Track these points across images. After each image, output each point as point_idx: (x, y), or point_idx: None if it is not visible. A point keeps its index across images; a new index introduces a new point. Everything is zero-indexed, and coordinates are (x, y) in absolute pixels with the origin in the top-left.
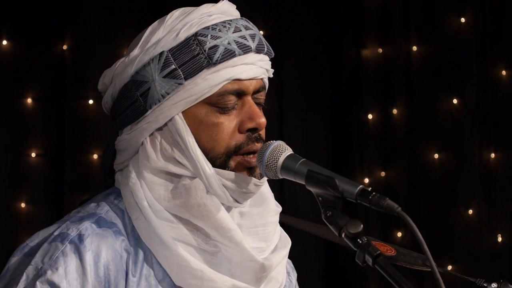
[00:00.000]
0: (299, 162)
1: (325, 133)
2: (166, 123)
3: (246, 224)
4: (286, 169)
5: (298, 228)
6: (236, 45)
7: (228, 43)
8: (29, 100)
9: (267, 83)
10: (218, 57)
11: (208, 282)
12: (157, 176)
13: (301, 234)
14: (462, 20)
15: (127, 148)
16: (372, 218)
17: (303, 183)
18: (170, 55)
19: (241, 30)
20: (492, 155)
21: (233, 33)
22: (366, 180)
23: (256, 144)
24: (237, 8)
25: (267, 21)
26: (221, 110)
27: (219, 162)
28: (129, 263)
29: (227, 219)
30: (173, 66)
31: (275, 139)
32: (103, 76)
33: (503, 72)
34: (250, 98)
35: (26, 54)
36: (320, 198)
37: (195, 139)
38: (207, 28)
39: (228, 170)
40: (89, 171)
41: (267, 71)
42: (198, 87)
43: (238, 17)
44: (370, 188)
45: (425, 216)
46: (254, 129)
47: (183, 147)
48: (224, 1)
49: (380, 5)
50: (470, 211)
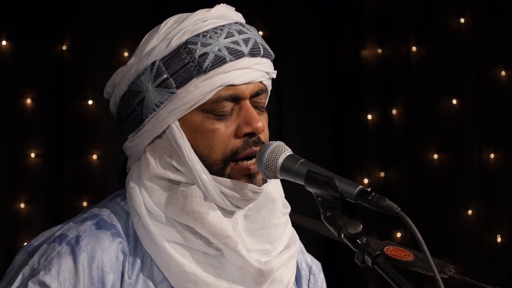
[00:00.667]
0: (299, 163)
1: (325, 134)
2: (164, 131)
3: (251, 227)
4: (286, 170)
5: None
6: (227, 51)
7: (219, 50)
8: (29, 101)
9: (269, 85)
10: (208, 65)
11: (203, 285)
12: (157, 183)
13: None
14: (462, 21)
15: (132, 155)
16: (372, 219)
17: (303, 184)
18: (162, 64)
19: (234, 35)
20: (492, 156)
21: (225, 39)
22: (366, 181)
23: (254, 148)
24: (236, 10)
25: (266, 22)
26: (217, 117)
27: (216, 169)
28: (126, 265)
29: (223, 226)
30: (165, 76)
31: (275, 140)
32: (106, 85)
33: (503, 73)
34: (248, 102)
35: (26, 55)
36: (320, 199)
37: (192, 146)
38: (198, 36)
39: (226, 177)
40: (89, 172)
41: (267, 74)
42: (191, 95)
43: (233, 21)
44: (370, 189)
45: (425, 217)
46: (252, 134)
47: (180, 155)
48: (221, 5)
49: (380, 6)
50: (470, 212)
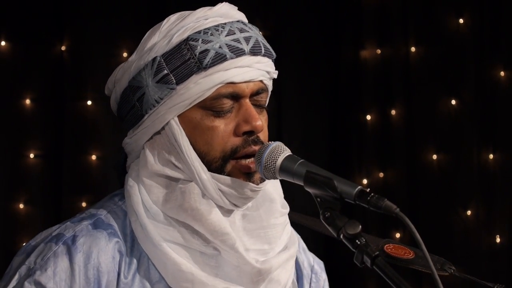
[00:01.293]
0: (298, 163)
1: (324, 134)
2: (163, 127)
3: (249, 226)
4: (285, 170)
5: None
6: (228, 49)
7: (220, 47)
8: (28, 101)
9: (270, 85)
10: (208, 61)
11: (199, 285)
12: (155, 180)
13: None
14: (461, 21)
15: (131, 152)
16: (371, 219)
17: (302, 184)
18: (163, 60)
19: (235, 33)
20: (491, 156)
21: (226, 37)
22: (365, 181)
23: (253, 147)
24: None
25: (266, 22)
26: (216, 114)
27: (215, 166)
28: (122, 265)
29: (221, 223)
30: (165, 71)
31: (274, 140)
32: (107, 82)
33: (502, 73)
34: (248, 101)
35: (25, 55)
36: (319, 199)
37: (191, 143)
38: (199, 33)
39: (224, 175)
40: (88, 172)
41: (268, 73)
42: (191, 92)
43: (235, 20)
44: (369, 189)
45: (424, 217)
46: (251, 132)
47: (179, 151)
48: (223, 4)
49: (379, 6)
50: (469, 212)
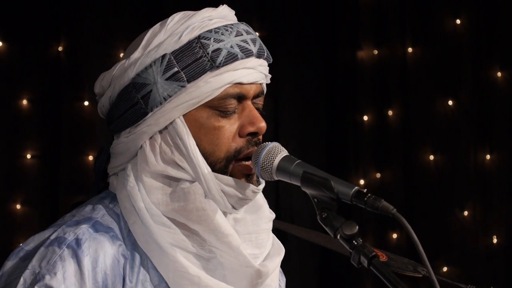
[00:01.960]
0: (294, 164)
1: (321, 135)
2: (167, 126)
3: (241, 231)
4: (282, 171)
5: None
6: (239, 49)
7: (231, 47)
8: (25, 102)
9: (265, 89)
10: (221, 60)
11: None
12: (156, 180)
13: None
14: (457, 22)
15: (125, 152)
16: (368, 220)
17: (299, 185)
18: (173, 58)
19: (243, 34)
20: (487, 157)
21: (236, 37)
22: (362, 182)
23: (256, 148)
24: (233, 9)
25: (263, 22)
26: (222, 114)
27: (219, 167)
28: (126, 268)
29: (225, 224)
30: (176, 69)
31: (270, 141)
32: (101, 79)
33: (498, 74)
34: (250, 103)
35: (22, 56)
36: (315, 200)
37: (196, 143)
38: (210, 31)
39: (227, 176)
40: (85, 173)
41: (266, 77)
42: (200, 90)
43: (239, 22)
44: (365, 190)
45: (421, 218)
46: (254, 133)
47: (184, 151)
48: (224, 6)
49: (376, 7)
50: (466, 213)
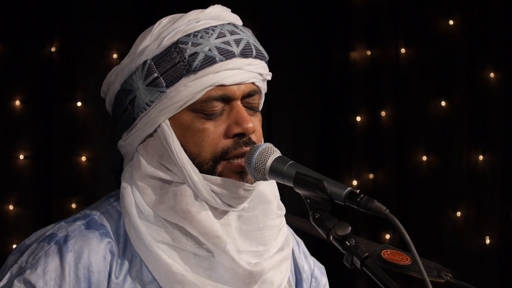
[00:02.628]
0: (287, 164)
1: (314, 135)
2: (156, 130)
3: (244, 228)
4: (274, 172)
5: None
6: (217, 51)
7: (209, 50)
8: (18, 102)
9: (263, 87)
10: (198, 64)
11: (190, 286)
12: (149, 182)
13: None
14: (451, 23)
15: (126, 154)
16: (361, 220)
17: (291, 185)
18: (153, 63)
19: (225, 36)
20: (480, 157)
21: (216, 39)
22: (355, 182)
23: (245, 148)
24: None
25: (256, 22)
26: (207, 117)
27: (207, 168)
28: (113, 265)
29: (212, 226)
30: (156, 75)
31: (264, 141)
32: (103, 84)
33: (491, 74)
34: (239, 103)
35: (15, 56)
36: (308, 200)
37: (182, 146)
38: (189, 36)
39: (216, 176)
40: (78, 173)
41: (261, 75)
42: (181, 95)
43: (226, 22)
44: (358, 190)
45: (413, 218)
46: (242, 134)
47: (170, 154)
48: (215, 6)
49: (369, 8)
50: (458, 213)
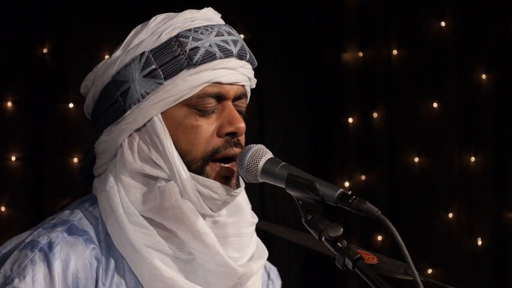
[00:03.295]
0: (279, 166)
1: (306, 137)
2: (145, 124)
3: (219, 233)
4: (266, 173)
5: (279, 236)
6: (217, 48)
7: (210, 46)
8: (9, 104)
9: (249, 92)
10: (199, 58)
11: None
12: (134, 179)
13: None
14: (442, 24)
15: (106, 150)
16: (353, 222)
17: (283, 187)
18: (151, 55)
19: (224, 35)
20: (472, 159)
21: (215, 37)
22: (347, 184)
23: (234, 149)
24: (218, 12)
25: (248, 24)
26: (200, 113)
27: (195, 167)
28: (99, 272)
29: (201, 223)
30: (154, 66)
31: (255, 143)
32: (86, 79)
33: (483, 76)
34: (230, 103)
35: (6, 57)
36: (300, 202)
37: (173, 141)
38: (189, 30)
39: (204, 176)
40: (70, 175)
41: (250, 80)
42: (178, 88)
43: (222, 23)
44: (350, 192)
45: (405, 220)
46: (233, 134)
47: (161, 149)
48: (209, 8)
49: (361, 9)
50: (450, 215)
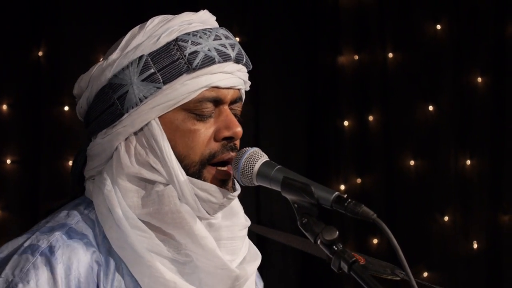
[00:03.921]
0: (275, 169)
1: (301, 140)
2: (142, 128)
3: (214, 236)
4: (262, 176)
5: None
6: (216, 52)
7: (209, 50)
8: (5, 107)
9: (244, 95)
10: (198, 63)
11: None
12: (131, 183)
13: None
14: (438, 27)
15: (100, 153)
16: (348, 225)
17: (279, 190)
18: (150, 59)
19: (221, 39)
20: (468, 162)
21: (214, 41)
22: (342, 187)
23: (231, 153)
24: (214, 14)
25: (244, 27)
26: (198, 117)
27: (193, 171)
28: (100, 275)
29: (200, 227)
30: (152, 70)
31: (251, 146)
32: (80, 80)
33: (479, 79)
34: (227, 107)
35: (1, 60)
36: (296, 205)
37: (171, 145)
38: (188, 34)
39: (201, 180)
40: (65, 178)
41: (245, 83)
42: (176, 92)
43: (218, 27)
44: (346, 195)
45: (401, 223)
46: (230, 138)
47: (158, 153)
48: (205, 11)
49: (356, 12)
50: (446, 218)
